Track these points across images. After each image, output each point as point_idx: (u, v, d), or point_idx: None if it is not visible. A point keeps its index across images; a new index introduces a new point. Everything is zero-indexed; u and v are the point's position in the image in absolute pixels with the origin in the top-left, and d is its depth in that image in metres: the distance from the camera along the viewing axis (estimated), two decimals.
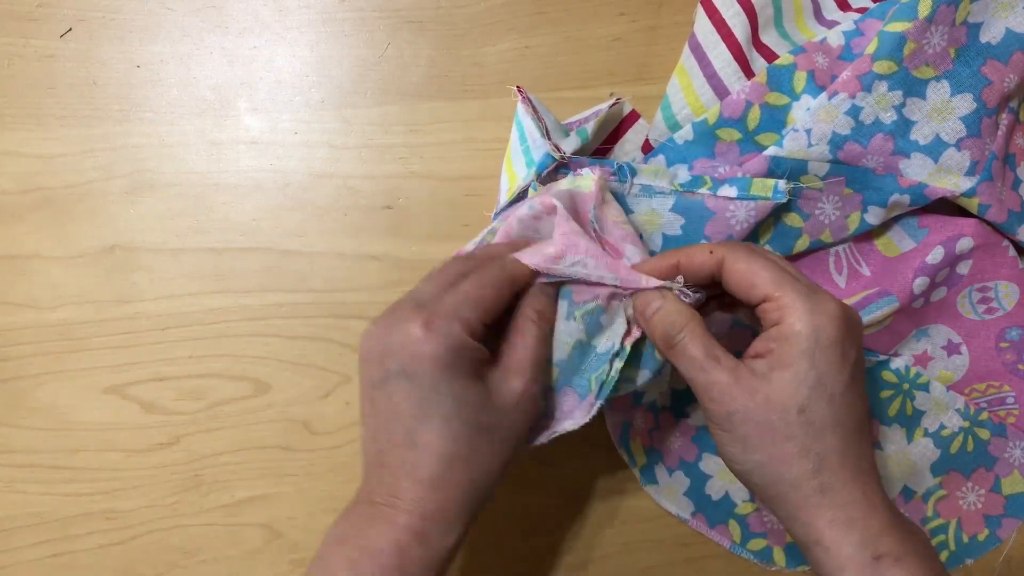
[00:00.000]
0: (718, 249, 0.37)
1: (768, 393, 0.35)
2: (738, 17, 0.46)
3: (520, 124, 0.45)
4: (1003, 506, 0.50)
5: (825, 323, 0.34)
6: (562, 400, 0.41)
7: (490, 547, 0.50)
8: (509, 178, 0.46)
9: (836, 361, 0.34)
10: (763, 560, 0.49)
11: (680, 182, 0.44)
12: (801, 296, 0.35)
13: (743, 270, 0.36)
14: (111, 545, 0.50)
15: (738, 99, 0.46)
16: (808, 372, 0.34)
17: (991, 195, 0.45)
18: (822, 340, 0.34)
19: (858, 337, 0.36)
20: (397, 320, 0.36)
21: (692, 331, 0.37)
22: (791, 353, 0.34)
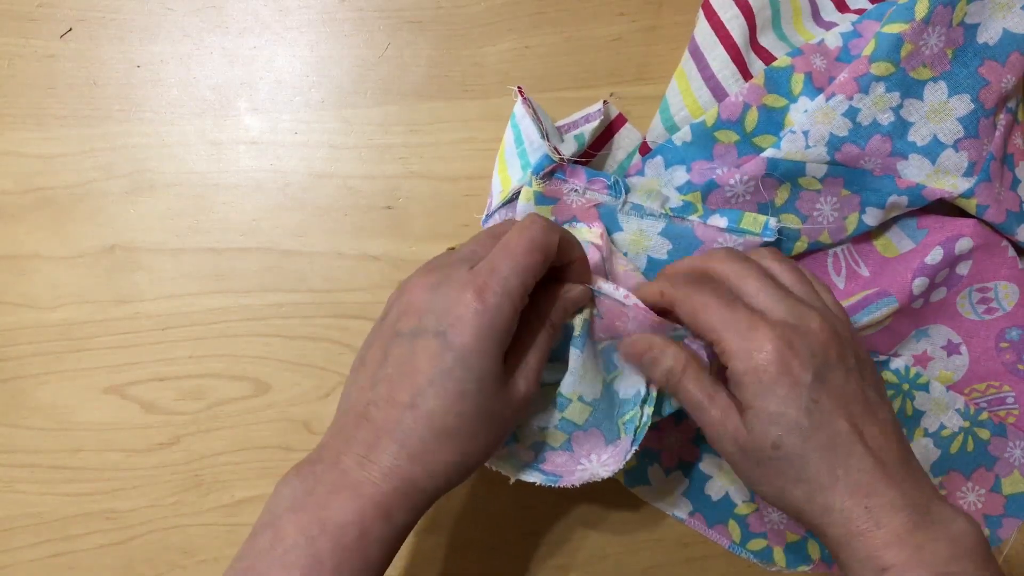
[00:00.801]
0: (668, 291, 0.38)
1: (746, 437, 0.36)
2: (736, 20, 0.46)
3: (516, 127, 0.45)
4: (1003, 506, 0.50)
5: (763, 361, 0.35)
6: (587, 439, 0.41)
7: (490, 547, 0.50)
8: (502, 181, 0.46)
9: (788, 393, 0.35)
10: (763, 560, 0.50)
11: (671, 206, 0.44)
12: (737, 337, 0.35)
13: (688, 313, 0.37)
14: (111, 545, 0.50)
15: (736, 101, 0.46)
16: (764, 412, 0.35)
17: (989, 196, 0.45)
18: (765, 379, 0.35)
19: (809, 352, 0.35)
20: (449, 279, 0.35)
21: (688, 373, 0.38)
22: (745, 396, 0.35)
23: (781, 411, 0.35)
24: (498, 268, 0.35)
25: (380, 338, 0.36)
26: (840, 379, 0.36)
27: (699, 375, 0.38)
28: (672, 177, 0.47)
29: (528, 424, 0.41)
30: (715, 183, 0.45)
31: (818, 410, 0.35)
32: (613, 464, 0.41)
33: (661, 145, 0.47)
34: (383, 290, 0.50)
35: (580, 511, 0.50)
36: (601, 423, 0.41)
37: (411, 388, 0.34)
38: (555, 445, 0.42)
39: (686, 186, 0.46)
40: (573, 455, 0.42)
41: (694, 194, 0.45)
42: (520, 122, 0.45)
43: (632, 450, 0.41)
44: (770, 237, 0.44)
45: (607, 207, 0.44)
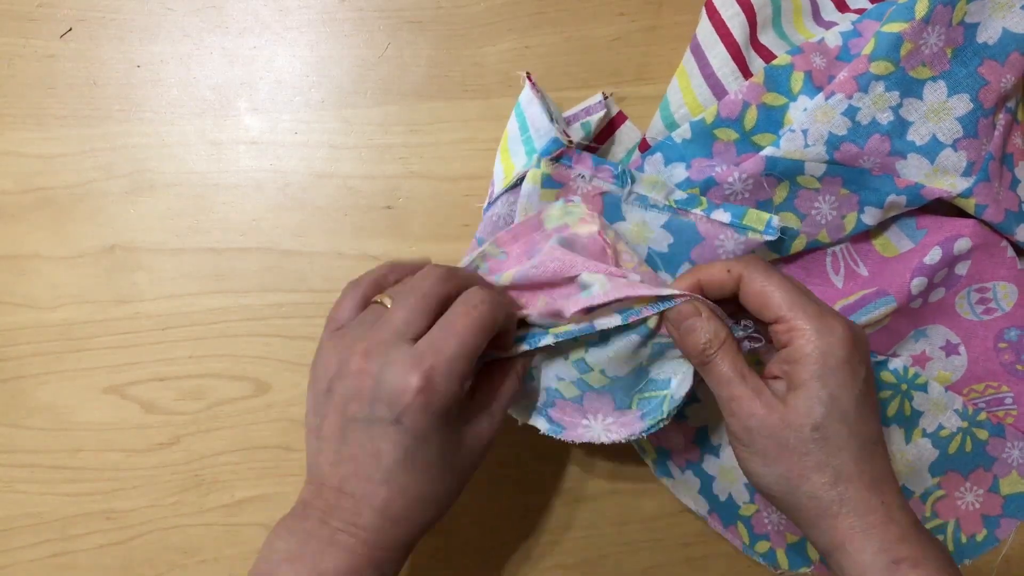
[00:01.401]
0: (735, 267, 0.39)
1: (784, 413, 0.36)
2: (737, 18, 0.46)
3: (522, 114, 0.45)
4: (1001, 506, 0.50)
5: (834, 344, 0.36)
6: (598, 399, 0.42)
7: (490, 547, 0.50)
8: (504, 168, 0.46)
9: (847, 380, 0.36)
10: (769, 562, 0.50)
11: (676, 199, 0.44)
12: (811, 318, 0.36)
13: (757, 291, 0.38)
14: (111, 545, 0.50)
15: (736, 99, 0.46)
16: (820, 392, 0.36)
17: (988, 195, 0.45)
18: (831, 361, 0.36)
19: (866, 355, 0.37)
20: (389, 360, 0.35)
21: (725, 349, 0.38)
22: (803, 374, 0.36)
23: (835, 395, 0.36)
24: (443, 350, 0.35)
25: (331, 413, 0.37)
26: (874, 386, 0.38)
27: (736, 353, 0.38)
28: (671, 174, 0.47)
29: (548, 369, 0.42)
30: (714, 180, 0.45)
31: (863, 405, 0.36)
32: (616, 432, 0.41)
33: (660, 142, 0.47)
34: None
35: (580, 511, 0.50)
36: (615, 392, 0.42)
37: (380, 470, 0.36)
38: (567, 395, 0.42)
39: (685, 183, 0.46)
40: (581, 408, 0.42)
41: (692, 191, 0.45)
42: (526, 109, 0.45)
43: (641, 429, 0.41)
44: (772, 236, 0.44)
45: (611, 196, 0.45)
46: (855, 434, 0.36)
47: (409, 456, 0.36)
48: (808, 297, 0.37)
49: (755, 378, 0.38)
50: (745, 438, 0.37)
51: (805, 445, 0.36)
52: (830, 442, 0.36)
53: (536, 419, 0.43)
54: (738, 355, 0.38)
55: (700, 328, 0.38)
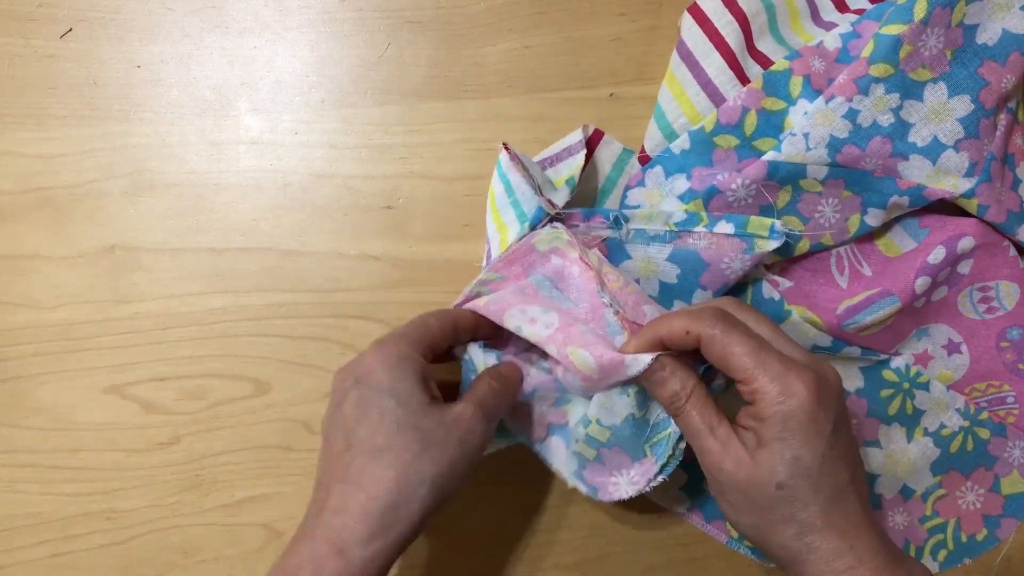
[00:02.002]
0: (694, 327, 0.38)
1: (749, 470, 0.37)
2: (731, 26, 0.46)
3: (504, 177, 0.45)
4: (1002, 506, 0.50)
5: (795, 406, 0.36)
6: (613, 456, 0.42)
7: (490, 547, 0.50)
8: (498, 228, 0.46)
9: (809, 438, 0.36)
10: (760, 556, 0.50)
11: (675, 222, 0.45)
12: (773, 379, 0.36)
13: (718, 353, 0.37)
14: (111, 545, 0.50)
15: (735, 105, 0.46)
16: (783, 453, 0.36)
17: (990, 196, 0.45)
18: (792, 423, 0.36)
19: (834, 404, 0.37)
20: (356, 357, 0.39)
21: (693, 400, 0.39)
22: (766, 435, 0.36)
23: (798, 456, 0.36)
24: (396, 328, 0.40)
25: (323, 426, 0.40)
26: (845, 431, 0.38)
27: (704, 403, 0.39)
28: (673, 186, 0.47)
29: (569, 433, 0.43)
30: (716, 189, 0.45)
31: (829, 459, 0.36)
32: (639, 483, 0.42)
33: (659, 154, 0.47)
34: (383, 290, 0.50)
35: (580, 511, 0.50)
36: (624, 443, 0.42)
37: (344, 434, 0.38)
38: (589, 457, 0.43)
39: (688, 193, 0.46)
40: (605, 467, 0.43)
41: (696, 201, 0.46)
42: (508, 173, 0.45)
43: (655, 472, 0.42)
44: (777, 240, 0.44)
45: (612, 240, 0.46)
46: (820, 489, 0.36)
47: (366, 406, 0.37)
48: (771, 354, 0.37)
49: (725, 428, 0.38)
50: (716, 488, 0.39)
51: (771, 501, 0.36)
52: (795, 499, 0.36)
53: (578, 483, 0.43)
54: (707, 404, 0.39)
55: (667, 380, 0.39)
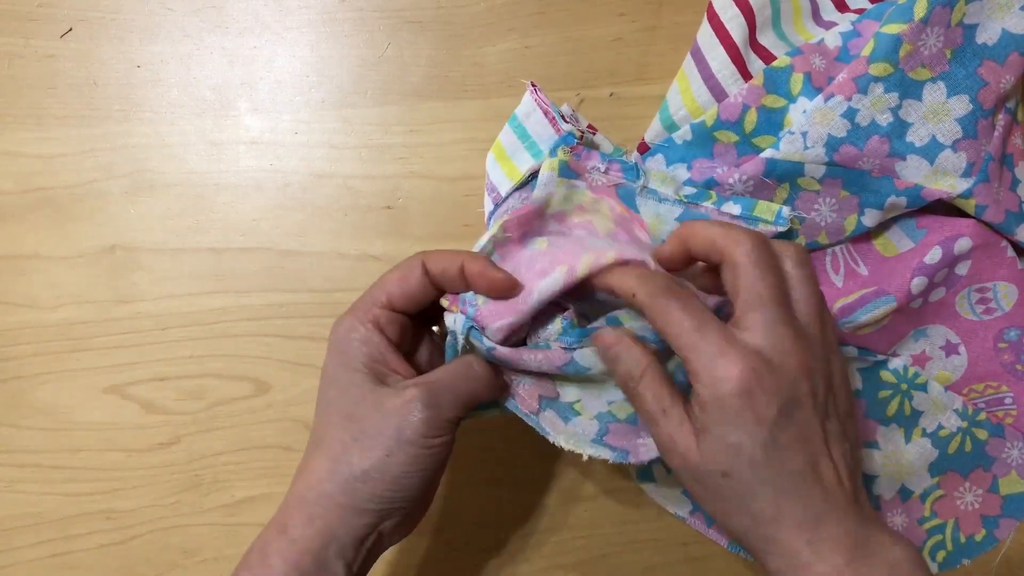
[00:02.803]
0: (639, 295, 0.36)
1: (697, 458, 0.35)
2: (736, 20, 0.46)
3: (520, 126, 0.45)
4: (1000, 506, 0.50)
5: (727, 391, 0.33)
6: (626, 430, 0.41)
7: (490, 547, 0.50)
8: (508, 172, 0.46)
9: (749, 426, 0.33)
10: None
11: (685, 194, 0.45)
12: (705, 361, 0.34)
13: (656, 324, 0.35)
14: (111, 545, 0.50)
15: (735, 102, 0.46)
16: (721, 440, 0.34)
17: (988, 196, 0.45)
18: (728, 409, 0.33)
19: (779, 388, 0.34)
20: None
21: (646, 380, 0.36)
22: (704, 420, 0.34)
23: (737, 443, 0.34)
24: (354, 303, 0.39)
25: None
26: (806, 415, 0.35)
27: (657, 385, 0.36)
28: (673, 174, 0.47)
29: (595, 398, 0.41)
30: (715, 181, 0.45)
31: (776, 447, 0.34)
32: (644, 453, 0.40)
33: (661, 143, 0.47)
34: None
35: (580, 511, 0.50)
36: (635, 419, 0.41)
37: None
38: (621, 417, 0.41)
39: (687, 183, 0.46)
40: (635, 428, 0.41)
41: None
42: (525, 121, 0.45)
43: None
44: (783, 226, 0.44)
45: (626, 188, 0.45)
46: (768, 480, 0.34)
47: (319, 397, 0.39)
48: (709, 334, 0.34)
49: (678, 411, 0.35)
50: (676, 474, 0.36)
51: (720, 490, 0.34)
52: (740, 489, 0.34)
53: (600, 450, 0.40)
54: (661, 385, 0.36)
55: (620, 358, 0.37)
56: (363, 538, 0.37)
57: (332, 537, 0.36)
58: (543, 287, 0.38)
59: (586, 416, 0.41)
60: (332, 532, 0.36)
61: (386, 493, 0.37)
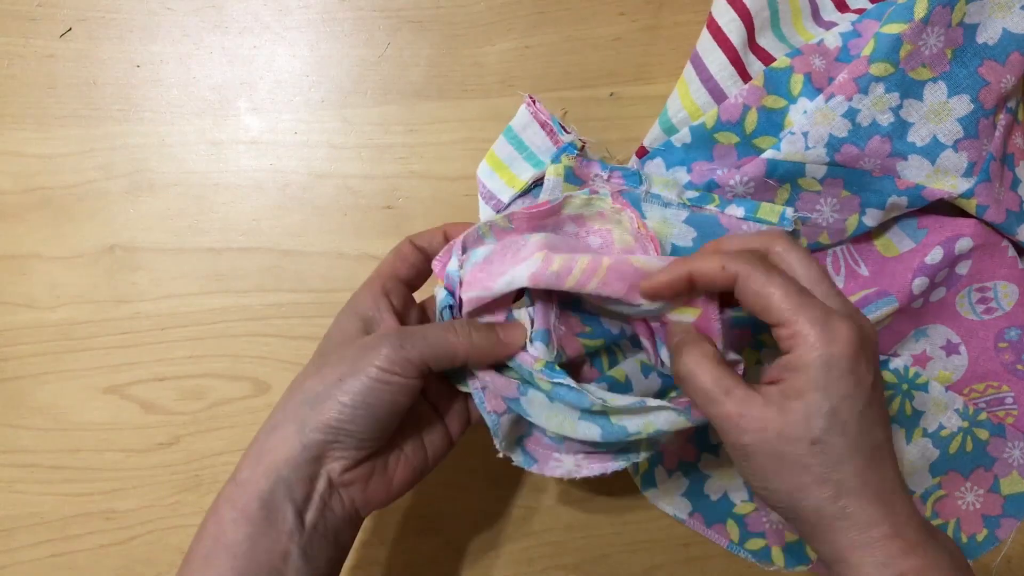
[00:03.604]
0: (732, 265, 0.36)
1: (780, 426, 0.34)
2: (734, 23, 0.46)
3: (517, 138, 0.45)
4: (1002, 506, 0.50)
5: (837, 352, 0.33)
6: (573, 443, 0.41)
7: (490, 547, 0.50)
8: (507, 181, 0.46)
9: (850, 389, 0.33)
10: (761, 560, 0.50)
11: (689, 198, 0.45)
12: (814, 324, 0.34)
13: (755, 292, 0.35)
14: (111, 545, 0.50)
15: (735, 103, 0.46)
16: (821, 404, 0.33)
17: (989, 196, 0.45)
18: (834, 370, 0.33)
19: (873, 356, 0.35)
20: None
21: (702, 362, 0.36)
22: (802, 384, 0.34)
23: (837, 408, 0.33)
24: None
25: None
26: (881, 387, 0.35)
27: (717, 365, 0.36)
28: (673, 178, 0.47)
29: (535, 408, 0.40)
30: (715, 183, 0.45)
31: (868, 416, 0.34)
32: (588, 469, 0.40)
33: (660, 147, 0.47)
34: None
35: (581, 511, 0.50)
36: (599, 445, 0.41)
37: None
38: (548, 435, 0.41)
39: (687, 186, 0.46)
40: (557, 445, 0.41)
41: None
42: (522, 133, 0.45)
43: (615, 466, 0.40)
44: (787, 227, 0.44)
45: (629, 195, 0.45)
46: (858, 447, 0.34)
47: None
48: (813, 298, 0.35)
49: (741, 388, 0.35)
50: (741, 455, 0.35)
51: (804, 460, 0.33)
52: (830, 456, 0.33)
53: (514, 451, 0.41)
54: (719, 366, 0.36)
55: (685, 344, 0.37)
56: (310, 477, 0.36)
57: (278, 476, 0.36)
58: (516, 271, 0.37)
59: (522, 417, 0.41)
60: (277, 469, 0.36)
61: (332, 421, 0.36)
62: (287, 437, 0.36)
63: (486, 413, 0.40)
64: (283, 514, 0.36)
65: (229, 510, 0.36)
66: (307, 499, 0.36)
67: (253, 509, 0.35)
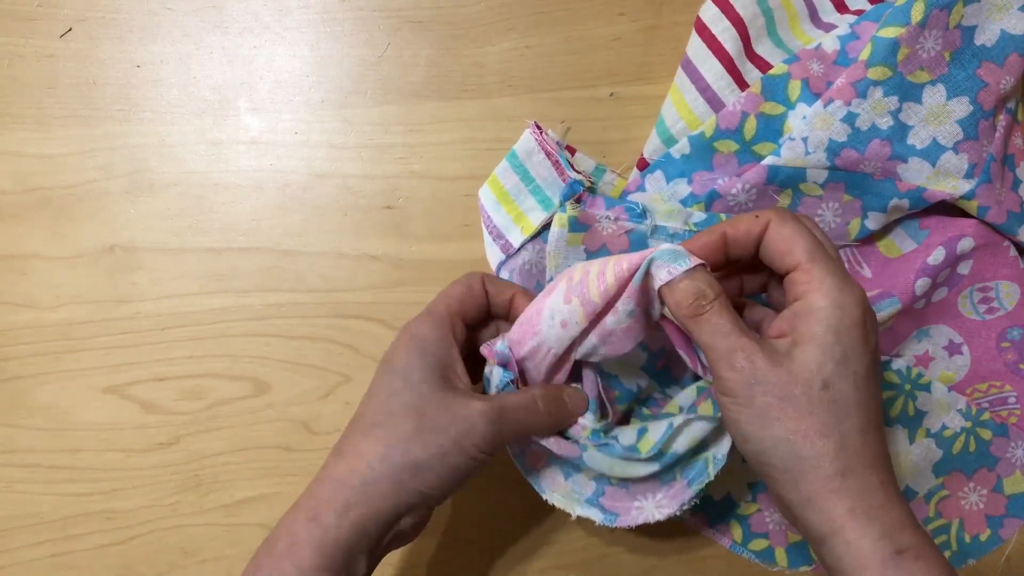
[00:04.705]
0: (764, 213, 0.37)
1: (791, 366, 0.34)
2: (728, 32, 0.46)
3: (522, 166, 0.46)
4: (1005, 506, 0.50)
5: (851, 303, 0.34)
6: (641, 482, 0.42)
7: (490, 547, 0.50)
8: (514, 218, 0.46)
9: (859, 341, 0.34)
10: (765, 560, 0.49)
11: (695, 222, 0.45)
12: (831, 274, 0.35)
13: (784, 236, 0.36)
14: (111, 545, 0.50)
15: (734, 110, 0.46)
16: (833, 347, 0.34)
17: (990, 197, 0.45)
18: (846, 319, 0.34)
19: (875, 328, 0.36)
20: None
21: (721, 301, 0.36)
22: (815, 327, 0.34)
23: (848, 355, 0.34)
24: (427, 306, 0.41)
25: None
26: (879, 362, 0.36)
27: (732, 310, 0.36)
28: (674, 190, 0.47)
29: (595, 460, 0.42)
30: (717, 193, 0.45)
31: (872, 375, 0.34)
32: (668, 507, 0.41)
33: (659, 159, 0.47)
34: (383, 290, 0.50)
35: None
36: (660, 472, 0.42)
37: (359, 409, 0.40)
38: (615, 482, 0.42)
39: (689, 198, 0.46)
40: (629, 492, 0.42)
41: (697, 205, 0.46)
42: (526, 161, 0.46)
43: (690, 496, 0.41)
44: None
45: (637, 233, 0.45)
46: (863, 404, 0.34)
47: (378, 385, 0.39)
48: (828, 254, 0.36)
49: (754, 333, 0.36)
50: (744, 395, 0.34)
51: (812, 403, 0.33)
52: (838, 404, 0.33)
53: (589, 510, 0.42)
54: (733, 310, 0.36)
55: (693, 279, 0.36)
56: (387, 534, 0.38)
57: (364, 532, 0.37)
58: (551, 303, 0.39)
59: (587, 475, 0.43)
60: (364, 526, 0.37)
61: (425, 489, 0.37)
62: (383, 494, 0.37)
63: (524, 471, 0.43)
64: (358, 564, 0.37)
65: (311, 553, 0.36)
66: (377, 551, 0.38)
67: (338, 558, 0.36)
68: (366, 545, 0.37)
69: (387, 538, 0.38)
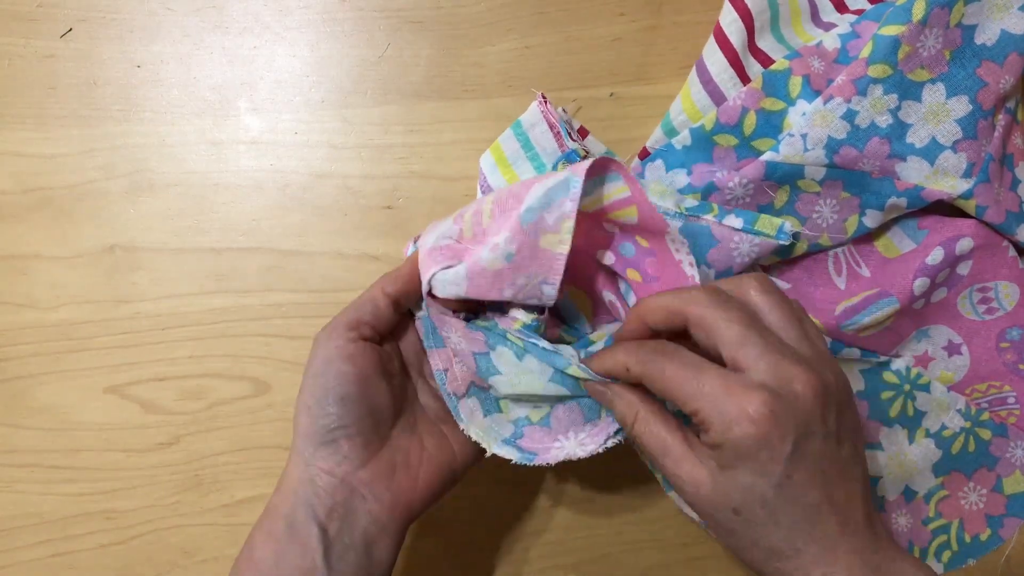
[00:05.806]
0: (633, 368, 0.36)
1: (707, 493, 0.34)
2: (735, 24, 0.46)
3: (524, 134, 0.46)
4: (1005, 506, 0.50)
5: (740, 434, 0.32)
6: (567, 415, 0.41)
7: (490, 547, 0.50)
8: (509, 180, 0.46)
9: (763, 466, 0.33)
10: None
11: (687, 206, 0.44)
12: (713, 407, 0.33)
13: (658, 391, 0.35)
14: (111, 545, 0.50)
15: (734, 105, 0.46)
16: (733, 480, 0.33)
17: (988, 196, 0.45)
18: (742, 452, 0.33)
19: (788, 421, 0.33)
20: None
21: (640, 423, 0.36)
22: (720, 461, 0.34)
23: (751, 483, 0.33)
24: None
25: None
26: (818, 445, 0.34)
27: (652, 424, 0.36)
28: (673, 180, 0.47)
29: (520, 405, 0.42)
30: (715, 186, 0.45)
31: (790, 484, 0.33)
32: (591, 444, 0.40)
33: (661, 148, 0.47)
34: None
35: (580, 511, 0.50)
36: (582, 400, 0.41)
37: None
38: (535, 420, 0.42)
39: (687, 188, 0.46)
40: (551, 431, 0.41)
41: (695, 195, 0.45)
42: (529, 130, 0.46)
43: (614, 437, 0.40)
44: (784, 240, 0.44)
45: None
46: (781, 518, 0.33)
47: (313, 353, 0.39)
48: (711, 379, 0.34)
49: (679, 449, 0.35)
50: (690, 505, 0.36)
51: (731, 524, 0.34)
52: (754, 524, 0.34)
53: (507, 450, 0.41)
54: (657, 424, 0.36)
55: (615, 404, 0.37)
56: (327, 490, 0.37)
57: (295, 496, 0.37)
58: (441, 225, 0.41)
59: (506, 415, 0.42)
60: (294, 491, 0.37)
61: (314, 426, 0.38)
62: (296, 460, 0.38)
63: (447, 395, 0.41)
64: (306, 529, 0.37)
65: (258, 534, 0.37)
66: (330, 512, 0.37)
67: (279, 529, 0.37)
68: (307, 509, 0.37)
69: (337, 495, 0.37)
